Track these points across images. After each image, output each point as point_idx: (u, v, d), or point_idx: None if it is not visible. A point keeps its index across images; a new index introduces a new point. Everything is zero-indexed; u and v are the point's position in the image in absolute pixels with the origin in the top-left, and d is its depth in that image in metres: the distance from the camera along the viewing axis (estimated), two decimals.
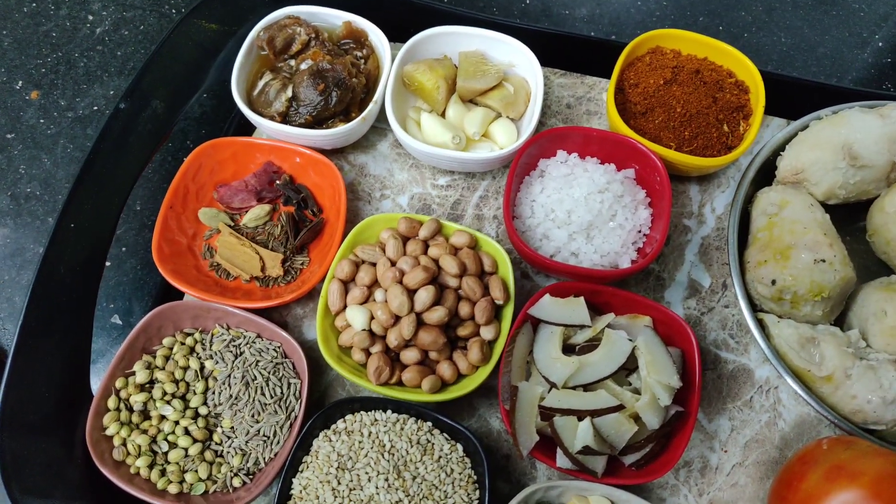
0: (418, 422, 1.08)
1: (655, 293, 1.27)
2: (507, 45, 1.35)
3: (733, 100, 1.30)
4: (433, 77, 1.30)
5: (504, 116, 1.33)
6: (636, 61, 1.35)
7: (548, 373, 1.05)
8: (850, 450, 0.98)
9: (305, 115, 1.26)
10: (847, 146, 1.20)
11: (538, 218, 1.21)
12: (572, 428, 1.02)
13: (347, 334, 1.13)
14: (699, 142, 1.26)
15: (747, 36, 1.61)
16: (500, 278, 1.16)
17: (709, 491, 1.14)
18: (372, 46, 1.37)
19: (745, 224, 1.25)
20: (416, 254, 1.17)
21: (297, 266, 1.25)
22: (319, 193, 1.30)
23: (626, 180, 1.24)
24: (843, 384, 1.07)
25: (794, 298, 1.11)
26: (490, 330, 1.13)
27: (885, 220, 1.19)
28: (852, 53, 1.59)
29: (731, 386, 1.20)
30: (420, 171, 1.37)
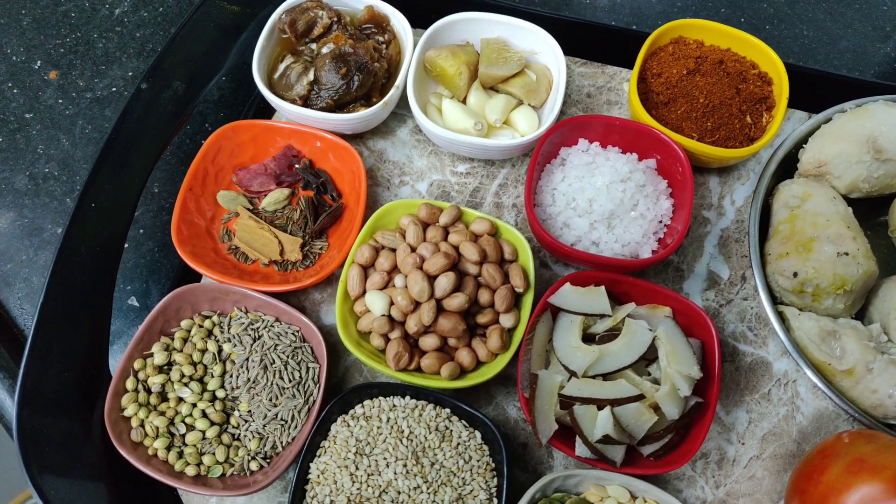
0: (437, 408, 1.08)
1: (674, 284, 1.27)
2: (530, 33, 1.34)
3: (756, 91, 1.29)
4: (455, 63, 1.30)
5: (525, 104, 1.33)
6: (659, 51, 1.35)
7: (568, 361, 1.05)
8: (871, 443, 0.98)
9: (327, 98, 1.25)
10: (872, 139, 1.19)
11: (559, 206, 1.20)
12: (592, 417, 1.01)
13: (367, 319, 1.13)
14: (721, 133, 1.26)
15: (769, 28, 1.60)
16: (520, 266, 1.16)
17: (726, 483, 1.13)
18: (394, 31, 1.36)
19: (765, 217, 1.24)
20: (437, 240, 1.16)
21: (316, 251, 1.24)
22: (339, 178, 1.30)
23: (648, 170, 1.23)
24: (864, 378, 1.06)
25: (816, 291, 1.10)
26: (510, 318, 1.13)
27: None
28: (874, 47, 1.58)
29: (750, 378, 1.20)
30: (439, 157, 1.36)
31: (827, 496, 0.95)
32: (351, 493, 1.01)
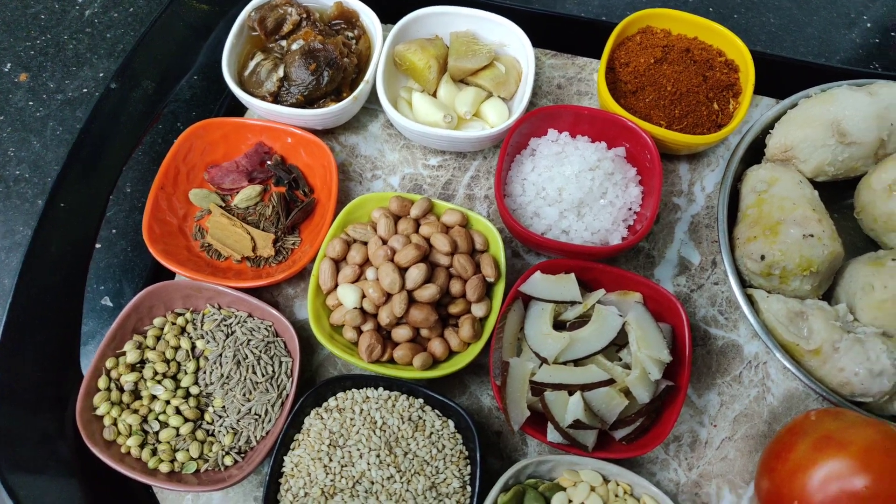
0: (409, 398, 1.09)
1: (645, 271, 1.28)
2: (499, 26, 1.35)
3: (723, 78, 1.30)
4: (424, 57, 1.30)
5: (495, 96, 1.34)
6: (627, 41, 1.36)
7: (539, 348, 1.06)
8: (838, 420, 0.99)
9: (297, 94, 1.26)
10: (836, 123, 1.21)
11: (529, 196, 1.21)
12: (563, 402, 1.02)
13: (339, 313, 1.13)
14: (689, 120, 1.27)
15: (736, 17, 1.61)
16: (491, 256, 1.17)
17: (698, 465, 1.14)
18: (363, 27, 1.37)
19: (735, 202, 1.25)
20: (408, 232, 1.17)
21: (289, 246, 1.25)
22: (310, 174, 1.30)
23: (617, 158, 1.24)
24: (831, 357, 1.07)
25: (783, 273, 1.12)
26: (481, 307, 1.13)
27: (873, 197, 1.20)
28: (840, 33, 1.59)
29: (721, 361, 1.21)
30: (411, 151, 1.37)
31: (794, 473, 0.96)
32: (325, 484, 1.02)
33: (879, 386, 1.06)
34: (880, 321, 1.10)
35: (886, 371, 1.05)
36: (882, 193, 1.18)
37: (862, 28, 1.60)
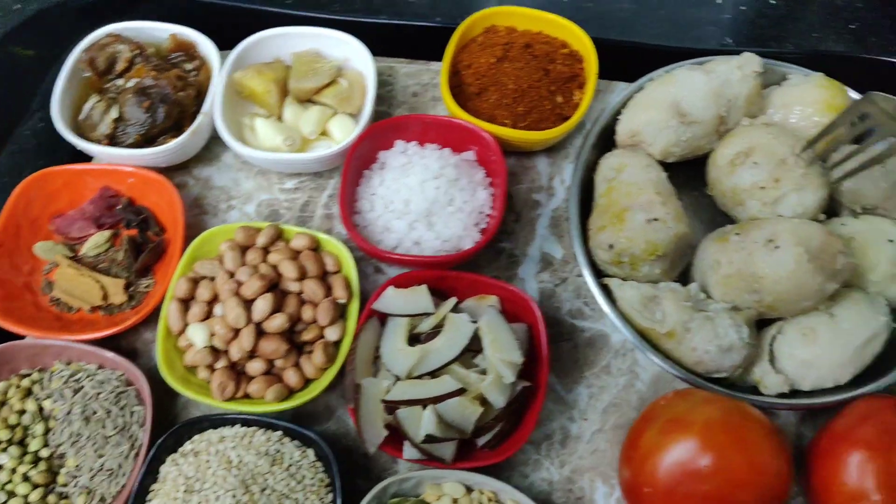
0: (267, 432, 1.07)
1: (509, 271, 1.27)
2: (340, 41, 1.34)
3: (565, 70, 1.30)
4: (263, 81, 1.29)
5: (341, 112, 1.32)
6: (470, 42, 1.35)
7: (391, 366, 1.05)
8: (685, 401, 1.00)
9: (134, 134, 1.23)
10: (676, 104, 1.21)
11: (378, 211, 1.20)
12: (417, 417, 1.01)
13: (191, 353, 1.12)
14: (533, 116, 1.27)
15: (591, 5, 1.61)
16: (343, 277, 1.16)
17: (570, 461, 1.14)
18: (203, 57, 1.35)
19: (592, 192, 1.25)
20: (256, 262, 1.15)
21: (143, 290, 1.22)
22: (161, 213, 1.28)
23: (463, 163, 1.23)
24: (685, 338, 1.08)
25: (632, 260, 1.12)
26: (335, 330, 1.12)
27: (718, 173, 1.21)
28: (690, 13, 1.60)
29: (588, 353, 1.21)
30: (266, 177, 1.35)
31: (645, 459, 0.96)
32: None
33: (730, 360, 1.07)
34: (729, 296, 1.11)
35: (735, 346, 1.06)
36: (726, 169, 1.19)
37: (711, 5, 1.61)
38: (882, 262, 1.13)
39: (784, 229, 1.06)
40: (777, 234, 1.06)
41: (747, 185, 1.16)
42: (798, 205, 1.14)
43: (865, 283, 1.14)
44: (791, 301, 1.07)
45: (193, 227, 1.29)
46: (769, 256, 1.05)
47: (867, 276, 1.14)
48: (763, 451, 0.95)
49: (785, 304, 1.07)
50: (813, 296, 1.06)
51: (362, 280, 1.24)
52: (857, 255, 1.13)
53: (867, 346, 1.09)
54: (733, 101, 1.22)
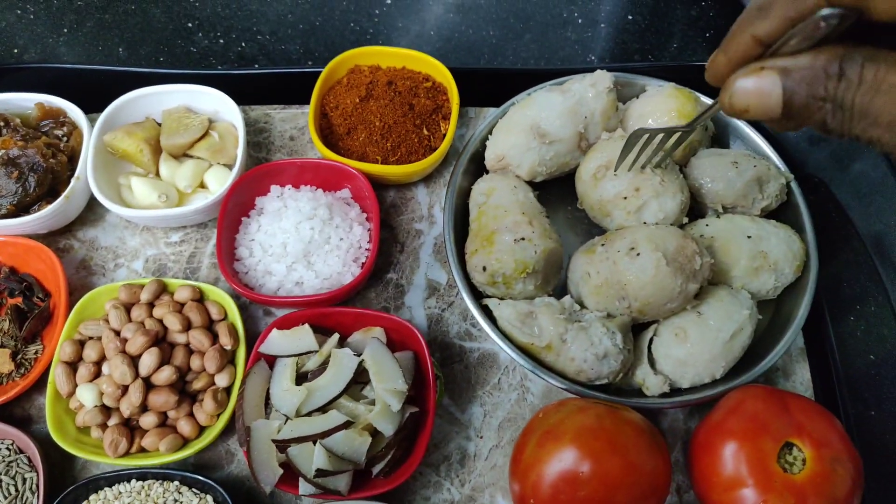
0: (164, 483, 1.08)
1: (397, 300, 1.31)
2: (207, 95, 1.37)
3: (429, 103, 1.35)
4: (133, 141, 1.31)
5: (216, 164, 1.34)
6: (336, 84, 1.39)
7: (280, 405, 1.07)
8: (560, 412, 1.03)
9: (7, 205, 1.24)
10: (535, 125, 1.26)
11: (258, 256, 1.23)
12: (308, 454, 1.03)
13: (81, 414, 1.12)
14: (402, 150, 1.31)
15: (458, 35, 1.67)
16: (228, 324, 1.18)
17: (470, 479, 1.17)
18: (73, 122, 1.36)
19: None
20: (142, 318, 1.17)
21: (31, 356, 1.22)
22: (44, 278, 1.28)
23: (337, 202, 1.27)
24: (562, 349, 1.12)
25: (505, 280, 1.16)
26: (224, 377, 1.14)
27: (584, 187, 1.26)
28: (556, 34, 1.67)
29: (479, 373, 1.25)
30: (152, 232, 1.37)
31: (527, 473, 1.00)
32: None
33: (609, 367, 1.11)
34: (602, 305, 1.16)
35: (610, 352, 1.10)
36: (590, 183, 1.24)
37: (575, 25, 1.68)
38: (742, 258, 1.19)
39: (643, 237, 1.12)
40: (637, 242, 1.11)
41: (611, 197, 1.22)
42: (659, 211, 1.19)
43: (729, 279, 1.21)
44: (657, 304, 1.12)
45: (82, 288, 1.30)
46: (631, 264, 1.10)
47: (731, 272, 1.20)
48: (637, 451, 0.99)
49: (652, 307, 1.13)
50: (676, 297, 1.11)
51: (253, 324, 1.27)
52: (719, 253, 1.20)
53: (735, 340, 1.15)
54: (590, 118, 1.27)
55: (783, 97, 0.66)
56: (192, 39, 1.64)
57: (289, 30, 1.66)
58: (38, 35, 1.63)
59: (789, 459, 1.00)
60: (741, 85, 0.69)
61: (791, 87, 0.66)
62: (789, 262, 1.20)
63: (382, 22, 1.68)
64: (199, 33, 1.65)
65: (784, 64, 0.66)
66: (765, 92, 0.67)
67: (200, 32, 1.65)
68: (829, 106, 0.64)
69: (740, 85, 0.70)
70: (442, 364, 1.25)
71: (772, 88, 0.67)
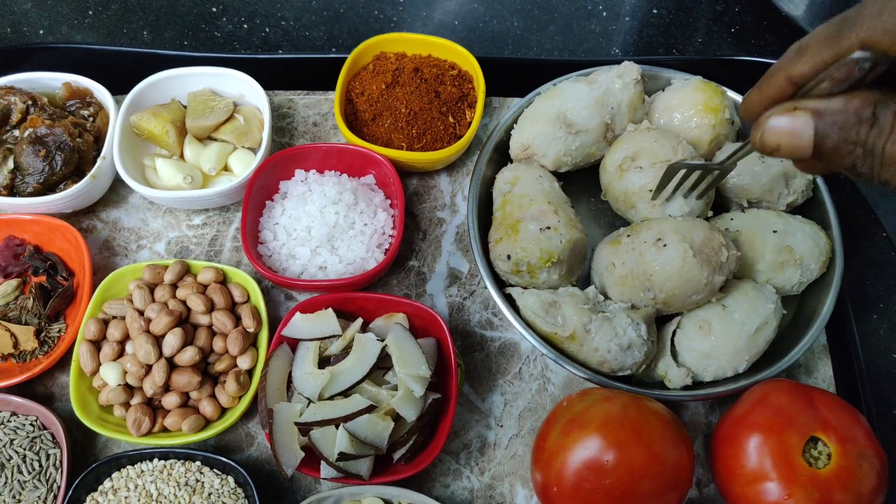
0: (186, 463, 1.08)
1: (419, 288, 1.31)
2: (233, 78, 1.37)
3: (455, 91, 1.34)
4: (159, 122, 1.31)
5: (241, 147, 1.34)
6: (361, 71, 1.39)
7: (302, 389, 1.07)
8: (583, 401, 1.03)
9: (34, 183, 1.24)
10: (562, 115, 1.26)
11: (282, 239, 1.23)
12: (331, 437, 1.03)
13: (105, 393, 1.13)
14: (428, 137, 1.31)
15: (482, 25, 1.66)
16: (251, 306, 1.18)
17: (490, 467, 1.17)
18: (99, 103, 1.36)
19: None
20: (165, 299, 1.17)
21: (54, 335, 1.23)
22: (68, 258, 1.29)
23: (361, 187, 1.27)
24: (586, 339, 1.12)
25: (530, 269, 1.16)
26: (246, 359, 1.14)
27: (609, 178, 1.26)
28: (581, 26, 1.66)
29: (500, 362, 1.25)
30: (174, 214, 1.37)
31: (550, 461, 1.00)
32: None
33: (632, 358, 1.11)
34: (626, 296, 1.15)
35: (634, 343, 1.10)
36: (615, 174, 1.24)
37: (599, 18, 1.68)
38: (768, 252, 1.19)
39: (669, 228, 1.11)
40: (664, 233, 1.11)
41: (636, 189, 1.21)
42: (685, 204, 1.19)
43: (754, 273, 1.20)
44: (682, 296, 1.12)
45: (105, 269, 1.30)
46: (658, 255, 1.10)
47: (755, 266, 1.20)
48: (661, 442, 0.99)
49: (677, 299, 1.12)
50: (702, 289, 1.11)
51: (274, 307, 1.27)
52: (744, 247, 1.19)
53: (759, 334, 1.14)
54: (617, 109, 1.27)
55: (815, 139, 0.66)
56: (217, 24, 1.64)
57: (313, 16, 1.66)
58: (63, 16, 1.63)
59: (814, 454, 0.99)
60: (774, 124, 0.69)
61: (823, 130, 0.65)
62: (815, 257, 1.19)
63: (406, 10, 1.67)
64: (223, 18, 1.65)
65: (817, 106, 0.66)
66: (797, 132, 0.67)
67: (224, 17, 1.65)
68: (860, 150, 0.63)
69: (773, 124, 0.69)
70: (463, 352, 1.25)
71: (804, 129, 0.66)
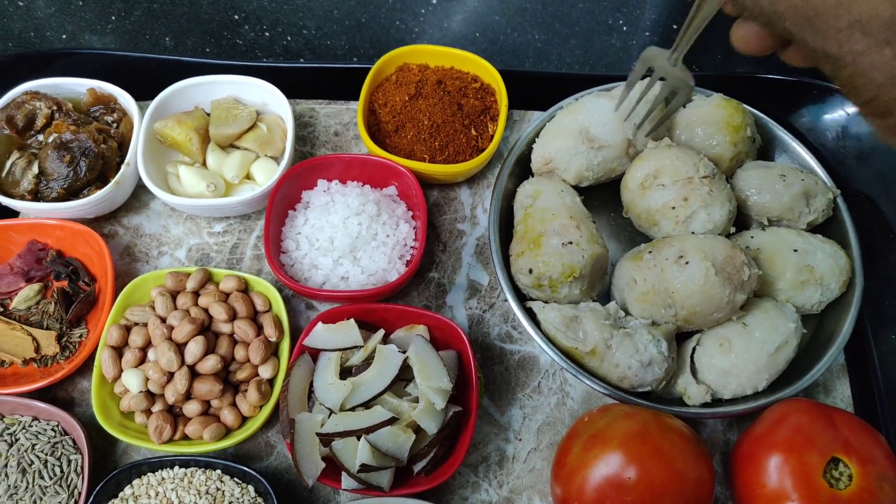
0: (206, 472, 1.09)
1: (438, 300, 1.31)
2: (257, 87, 1.37)
3: (478, 104, 1.35)
4: (183, 130, 1.31)
5: (263, 156, 1.35)
6: (385, 81, 1.39)
7: (324, 399, 1.07)
8: (605, 417, 1.03)
9: (58, 188, 1.25)
10: (585, 130, 1.26)
11: (304, 249, 1.23)
12: (352, 448, 1.04)
13: (126, 399, 1.13)
14: (450, 149, 1.31)
15: (503, 38, 1.67)
16: (273, 316, 1.18)
17: (508, 481, 1.17)
18: (123, 109, 1.37)
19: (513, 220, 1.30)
20: (187, 307, 1.17)
21: (76, 340, 1.23)
22: (90, 263, 1.29)
23: (384, 199, 1.27)
24: (607, 355, 1.12)
25: (551, 283, 1.16)
26: (268, 368, 1.15)
27: (631, 196, 1.26)
28: (602, 40, 1.67)
29: (519, 375, 1.25)
30: (195, 221, 1.37)
31: (572, 476, 1.00)
32: None
33: (653, 375, 1.11)
34: (647, 312, 1.15)
35: (655, 360, 1.10)
36: (637, 192, 1.24)
37: (620, 32, 1.68)
38: (788, 271, 1.19)
39: (692, 245, 1.11)
40: (686, 251, 1.11)
41: (659, 206, 1.22)
42: (708, 221, 1.19)
43: (775, 292, 1.20)
44: (704, 313, 1.12)
45: (126, 275, 1.31)
46: (680, 272, 1.10)
47: (776, 284, 1.20)
48: (683, 459, 0.99)
49: (698, 316, 1.12)
50: (724, 307, 1.11)
51: (295, 317, 1.27)
52: (765, 266, 1.19)
53: (779, 352, 1.14)
54: (639, 125, 1.27)
55: None
56: (239, 31, 1.65)
57: (334, 25, 1.66)
58: (85, 22, 1.64)
59: (835, 475, 0.99)
60: None
61: None
62: (835, 277, 1.19)
63: (428, 21, 1.68)
64: (245, 25, 1.66)
65: None
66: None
67: (247, 25, 1.66)
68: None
69: None
70: (482, 365, 1.25)
71: None
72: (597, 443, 0.99)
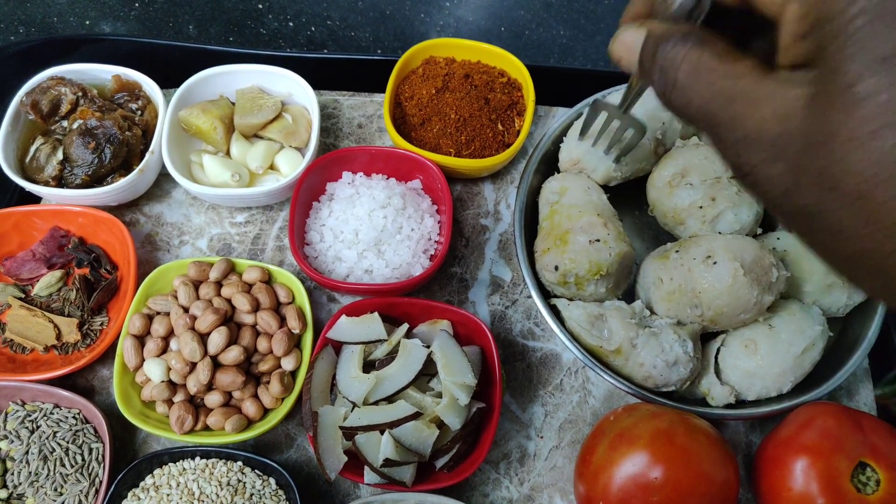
0: (228, 463, 1.08)
1: (461, 295, 1.30)
2: (282, 77, 1.36)
3: (505, 99, 1.34)
4: (208, 119, 1.30)
5: (287, 146, 1.34)
6: (411, 74, 1.39)
7: (347, 393, 1.07)
8: (631, 416, 1.02)
9: (82, 175, 1.24)
10: (613, 130, 1.25)
11: (328, 241, 1.23)
12: (375, 443, 1.03)
13: (148, 388, 1.12)
14: (476, 144, 1.30)
15: (528, 33, 1.66)
16: (296, 307, 1.17)
17: (529, 478, 1.17)
18: (148, 97, 1.36)
19: (537, 216, 1.28)
20: (210, 297, 1.17)
21: (97, 328, 1.23)
22: (112, 251, 1.29)
23: (410, 192, 1.26)
24: (632, 354, 1.11)
25: (577, 280, 1.15)
26: (290, 360, 1.14)
27: (658, 194, 1.25)
28: None
29: (541, 372, 1.24)
30: (217, 211, 1.37)
31: (597, 474, 0.99)
32: None
33: (678, 375, 1.10)
34: (672, 311, 1.14)
35: (681, 360, 1.09)
36: (664, 190, 1.23)
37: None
38: (815, 273, 1.18)
39: (720, 245, 1.10)
40: (714, 251, 1.10)
41: (686, 205, 1.20)
42: (735, 221, 1.18)
43: (801, 294, 1.19)
44: (730, 314, 1.11)
45: (146, 263, 1.30)
46: (708, 272, 1.09)
47: (802, 287, 1.19)
48: (709, 460, 0.98)
49: (725, 317, 1.11)
50: (751, 308, 1.10)
51: (317, 309, 1.26)
52: (792, 267, 1.18)
53: (805, 355, 1.13)
54: (668, 124, 1.26)
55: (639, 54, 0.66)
56: (262, 21, 1.64)
57: (359, 17, 1.66)
58: (108, 8, 1.64)
59: (862, 479, 0.99)
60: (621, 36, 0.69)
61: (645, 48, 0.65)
62: None
63: (453, 14, 1.67)
64: (268, 15, 1.65)
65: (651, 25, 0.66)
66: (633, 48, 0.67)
67: (270, 14, 1.65)
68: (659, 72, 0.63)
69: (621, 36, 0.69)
70: (504, 362, 1.25)
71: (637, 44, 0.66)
72: (623, 442, 0.98)
